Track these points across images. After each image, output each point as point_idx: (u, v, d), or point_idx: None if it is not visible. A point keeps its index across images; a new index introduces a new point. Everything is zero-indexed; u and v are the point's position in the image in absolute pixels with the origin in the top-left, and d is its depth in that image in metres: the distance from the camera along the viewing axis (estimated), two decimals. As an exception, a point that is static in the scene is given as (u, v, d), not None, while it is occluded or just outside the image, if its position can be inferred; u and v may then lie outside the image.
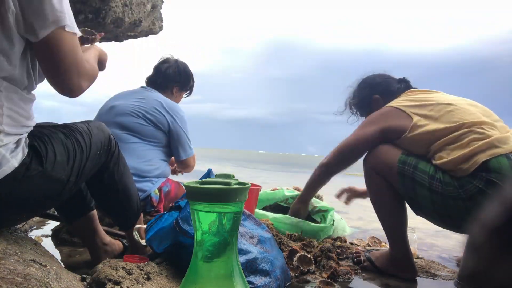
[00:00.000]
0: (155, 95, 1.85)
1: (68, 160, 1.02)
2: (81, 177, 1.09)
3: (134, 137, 1.69)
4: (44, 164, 0.96)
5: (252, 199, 1.92)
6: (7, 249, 0.88)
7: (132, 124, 1.69)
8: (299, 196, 1.90)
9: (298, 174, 9.30)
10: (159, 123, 1.75)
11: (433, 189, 1.32)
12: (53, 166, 0.98)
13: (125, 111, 1.73)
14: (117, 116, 1.72)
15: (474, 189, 1.24)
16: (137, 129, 1.70)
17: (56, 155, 0.99)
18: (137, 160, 1.65)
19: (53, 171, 0.98)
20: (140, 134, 1.70)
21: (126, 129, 1.68)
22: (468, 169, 1.26)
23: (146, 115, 1.73)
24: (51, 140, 1.00)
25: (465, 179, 1.27)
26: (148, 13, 2.34)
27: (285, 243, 1.66)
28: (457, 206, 1.28)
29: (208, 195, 0.73)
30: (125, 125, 1.69)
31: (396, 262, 1.50)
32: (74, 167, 1.04)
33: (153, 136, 1.73)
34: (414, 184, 1.37)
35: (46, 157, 0.97)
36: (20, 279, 0.73)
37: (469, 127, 1.33)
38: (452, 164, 1.30)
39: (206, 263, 0.75)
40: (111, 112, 1.75)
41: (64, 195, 1.07)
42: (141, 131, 1.70)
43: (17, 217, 1.05)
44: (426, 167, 1.36)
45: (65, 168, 1.01)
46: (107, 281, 0.95)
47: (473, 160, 1.26)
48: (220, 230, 0.75)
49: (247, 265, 1.12)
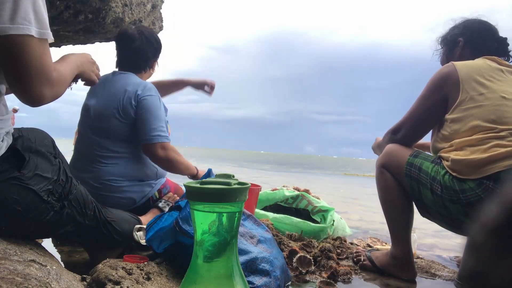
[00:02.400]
0: (126, 84, 1.63)
1: (50, 178, 1.01)
2: (68, 209, 1.06)
3: (121, 144, 1.58)
4: (22, 169, 0.94)
5: (252, 199, 1.92)
6: (7, 249, 0.88)
7: (111, 129, 1.59)
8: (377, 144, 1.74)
9: (298, 174, 9.31)
10: (126, 116, 1.60)
11: (434, 190, 1.31)
12: (32, 175, 0.96)
13: (101, 113, 1.60)
14: (95, 121, 1.61)
15: (475, 197, 1.21)
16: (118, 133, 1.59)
17: (37, 166, 0.98)
18: (131, 166, 1.61)
19: (31, 180, 0.95)
20: (122, 138, 1.61)
21: (107, 134, 1.59)
22: (478, 174, 1.21)
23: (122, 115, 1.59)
24: (38, 153, 1.00)
25: (469, 184, 1.23)
26: (148, 13, 2.34)
27: (285, 243, 1.66)
28: (456, 209, 1.26)
29: (208, 195, 0.73)
30: (105, 131, 1.59)
31: (396, 262, 1.50)
32: (55, 189, 1.01)
33: (134, 135, 1.62)
34: (419, 185, 1.37)
35: (26, 164, 0.95)
36: (20, 279, 0.73)
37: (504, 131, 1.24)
38: (464, 164, 1.25)
39: (206, 263, 0.75)
40: (89, 116, 1.64)
41: (50, 218, 1.03)
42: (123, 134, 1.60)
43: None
44: (428, 168, 1.36)
45: (45, 184, 0.99)
46: (107, 281, 0.95)
47: (488, 167, 1.20)
48: (220, 230, 0.75)
49: (247, 265, 1.12)
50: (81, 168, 1.58)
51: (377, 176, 1.56)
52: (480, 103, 1.31)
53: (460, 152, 1.29)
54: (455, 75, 1.37)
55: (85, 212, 1.13)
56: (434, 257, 1.86)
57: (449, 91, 1.38)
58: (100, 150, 1.59)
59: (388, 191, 1.50)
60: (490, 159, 1.21)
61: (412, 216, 1.49)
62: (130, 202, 1.60)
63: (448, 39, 1.61)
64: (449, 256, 1.95)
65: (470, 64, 1.40)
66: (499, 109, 1.29)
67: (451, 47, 1.59)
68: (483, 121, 1.29)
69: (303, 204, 2.25)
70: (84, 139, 1.64)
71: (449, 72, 1.39)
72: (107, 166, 1.57)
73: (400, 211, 1.48)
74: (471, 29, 1.55)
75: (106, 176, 1.55)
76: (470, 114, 1.31)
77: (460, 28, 1.58)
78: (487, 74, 1.36)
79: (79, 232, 1.14)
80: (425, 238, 2.35)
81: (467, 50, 1.53)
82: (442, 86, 1.40)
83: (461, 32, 1.57)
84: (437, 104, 1.42)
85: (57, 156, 1.08)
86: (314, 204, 2.20)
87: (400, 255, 1.49)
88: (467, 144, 1.29)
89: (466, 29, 1.56)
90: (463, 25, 1.58)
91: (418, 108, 1.47)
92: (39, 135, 1.08)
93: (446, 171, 1.30)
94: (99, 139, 1.60)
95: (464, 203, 1.23)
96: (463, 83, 1.35)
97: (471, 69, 1.37)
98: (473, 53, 1.50)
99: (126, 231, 1.29)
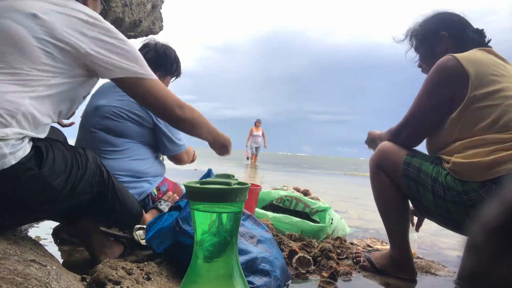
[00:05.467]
0: None
1: (65, 170, 1.02)
2: (73, 195, 1.07)
3: (124, 140, 1.65)
4: (42, 167, 0.96)
5: (252, 199, 1.93)
6: (7, 249, 0.88)
7: (119, 127, 1.65)
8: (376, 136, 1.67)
9: (297, 174, 9.31)
10: (144, 121, 1.69)
11: (435, 192, 1.28)
12: (50, 171, 0.98)
13: (109, 113, 1.67)
14: (103, 119, 1.67)
15: (478, 198, 1.18)
16: (125, 132, 1.65)
17: (54, 161, 1.00)
18: (132, 162, 1.64)
19: (49, 176, 0.97)
20: (129, 136, 1.66)
21: (115, 133, 1.65)
22: (481, 178, 1.18)
23: (130, 115, 1.67)
24: (52, 147, 1.01)
25: (471, 185, 1.19)
26: (148, 13, 2.34)
27: (285, 243, 1.66)
28: (458, 210, 1.23)
29: (208, 195, 0.73)
30: (113, 130, 1.65)
31: (395, 263, 1.49)
32: (69, 180, 1.03)
33: (141, 135, 1.70)
34: (418, 186, 1.33)
35: (46, 161, 0.97)
36: (20, 279, 0.73)
37: None
38: (466, 168, 1.21)
39: (206, 263, 0.75)
40: (97, 113, 1.70)
41: (55, 206, 1.06)
42: (130, 133, 1.66)
43: (10, 219, 1.05)
44: (428, 168, 1.32)
45: (60, 177, 1.01)
46: (107, 281, 0.95)
47: (491, 170, 1.16)
48: (220, 230, 0.75)
49: (247, 265, 1.12)
50: None
51: (372, 176, 1.51)
52: (490, 103, 1.22)
53: (461, 154, 1.24)
54: (460, 69, 1.26)
55: (93, 180, 1.14)
56: (434, 257, 1.86)
57: (455, 87, 1.27)
58: (104, 145, 1.63)
59: (383, 191, 1.47)
60: (493, 162, 1.16)
61: (409, 216, 1.47)
62: None
63: (427, 34, 1.48)
64: (449, 256, 1.95)
65: (473, 57, 1.29)
66: (509, 110, 1.21)
67: (431, 42, 1.47)
68: (491, 123, 1.21)
69: (300, 207, 2.26)
70: (87, 135, 1.67)
71: (452, 66, 1.28)
72: (108, 160, 1.59)
73: (397, 211, 1.45)
74: (452, 21, 1.46)
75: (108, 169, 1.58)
76: (478, 114, 1.23)
77: (437, 22, 1.47)
78: (493, 70, 1.27)
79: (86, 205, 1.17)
80: (425, 238, 2.36)
81: (451, 44, 1.43)
82: (447, 81, 1.29)
83: (440, 26, 1.45)
84: (441, 101, 1.31)
85: (69, 149, 1.09)
86: (311, 206, 2.21)
87: (398, 256, 1.48)
88: (469, 146, 1.24)
89: (446, 21, 1.46)
90: (440, 19, 1.47)
91: (420, 108, 1.36)
92: (53, 133, 1.11)
93: (448, 172, 1.26)
94: (104, 135, 1.64)
95: (467, 204, 1.20)
96: (470, 79, 1.24)
97: (476, 63, 1.27)
98: (457, 46, 1.40)
99: (127, 204, 1.31)
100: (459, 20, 1.46)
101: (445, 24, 1.45)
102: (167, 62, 1.84)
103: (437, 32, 1.45)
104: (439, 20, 1.47)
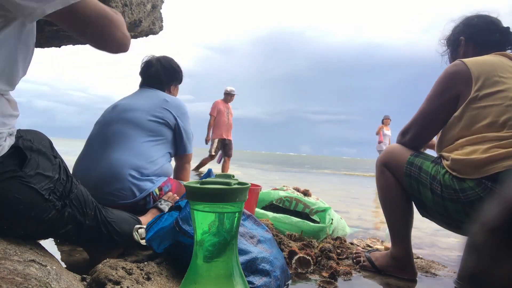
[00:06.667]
0: (160, 93, 1.89)
1: (52, 176, 1.01)
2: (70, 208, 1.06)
3: (137, 133, 1.69)
4: (24, 167, 0.94)
5: (252, 199, 1.92)
6: (7, 249, 0.88)
7: (136, 119, 1.70)
8: None
9: (297, 174, 9.31)
10: (166, 119, 1.77)
11: (433, 190, 1.31)
12: (34, 174, 0.96)
13: (130, 107, 1.75)
14: (121, 112, 1.73)
15: (474, 196, 1.20)
16: (142, 124, 1.70)
17: (38, 165, 0.98)
18: (139, 157, 1.65)
19: (33, 179, 0.96)
20: (145, 129, 1.70)
21: (130, 124, 1.69)
22: (478, 174, 1.20)
23: (151, 112, 1.74)
24: (39, 152, 1.00)
25: (468, 183, 1.22)
26: (148, 13, 2.34)
27: (285, 243, 1.66)
28: (456, 208, 1.25)
29: (208, 195, 0.73)
30: (129, 120, 1.70)
31: (396, 262, 1.50)
32: (57, 188, 1.02)
33: (158, 131, 1.74)
34: (419, 185, 1.36)
35: (28, 163, 0.95)
36: (20, 279, 0.73)
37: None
38: (463, 164, 1.24)
39: (206, 263, 0.75)
40: (115, 110, 1.76)
41: (52, 217, 1.03)
42: (146, 126, 1.71)
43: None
44: (428, 167, 1.35)
45: (47, 183, 0.99)
46: (107, 281, 0.95)
47: (487, 167, 1.18)
48: (220, 230, 0.75)
49: (247, 265, 1.12)
50: (92, 156, 1.64)
51: (378, 175, 1.55)
52: (491, 103, 1.26)
53: (460, 151, 1.28)
54: (465, 72, 1.32)
55: (86, 211, 1.13)
56: (434, 257, 1.86)
57: (461, 89, 1.33)
58: (117, 137, 1.66)
59: (388, 190, 1.50)
60: (489, 159, 1.19)
61: (412, 216, 1.49)
62: (130, 195, 1.60)
63: (451, 40, 1.58)
64: (449, 256, 1.95)
65: (481, 61, 1.35)
66: (509, 109, 1.24)
67: (455, 47, 1.56)
68: (491, 122, 1.24)
69: (300, 208, 2.26)
70: (103, 129, 1.71)
71: (458, 70, 1.35)
72: (120, 154, 1.61)
73: (400, 211, 1.48)
74: (470, 26, 1.52)
75: (116, 162, 1.59)
76: (479, 113, 1.27)
77: (460, 26, 1.55)
78: (500, 72, 1.30)
79: (79, 232, 1.14)
80: (425, 238, 2.35)
81: (470, 47, 1.50)
82: (453, 84, 1.35)
83: (461, 30, 1.54)
84: (447, 103, 1.36)
85: (56, 156, 1.08)
86: (311, 206, 2.21)
87: (400, 255, 1.49)
88: (468, 143, 1.27)
89: (466, 26, 1.53)
90: (463, 23, 1.55)
91: (427, 109, 1.42)
92: (37, 136, 1.08)
93: (446, 170, 1.29)
94: (121, 127, 1.69)
95: (464, 202, 1.22)
96: (474, 81, 1.30)
97: (483, 66, 1.32)
98: (476, 49, 1.47)
99: (126, 231, 1.29)
100: (477, 23, 1.51)
101: (465, 28, 1.53)
102: (176, 73, 2.01)
103: (457, 37, 1.54)
104: (462, 25, 1.55)
